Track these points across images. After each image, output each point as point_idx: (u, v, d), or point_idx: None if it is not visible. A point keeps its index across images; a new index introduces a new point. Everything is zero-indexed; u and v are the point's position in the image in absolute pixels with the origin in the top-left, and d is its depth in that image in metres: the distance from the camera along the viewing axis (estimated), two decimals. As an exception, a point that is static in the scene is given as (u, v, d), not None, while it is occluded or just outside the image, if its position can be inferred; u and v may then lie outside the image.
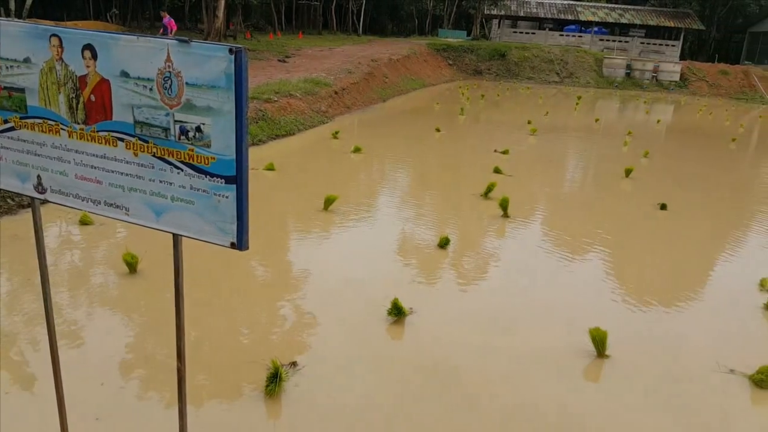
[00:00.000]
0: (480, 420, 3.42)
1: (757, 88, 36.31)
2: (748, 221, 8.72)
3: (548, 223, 7.81)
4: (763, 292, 5.49)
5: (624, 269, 6.21)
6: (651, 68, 36.80)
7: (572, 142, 15.27)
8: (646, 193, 9.25)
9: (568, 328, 4.51)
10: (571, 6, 43.99)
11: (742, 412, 3.72)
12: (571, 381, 3.92)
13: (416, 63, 29.43)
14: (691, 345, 4.50)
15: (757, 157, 15.66)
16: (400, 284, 5.17)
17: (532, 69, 36.56)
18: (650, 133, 17.80)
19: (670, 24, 41.52)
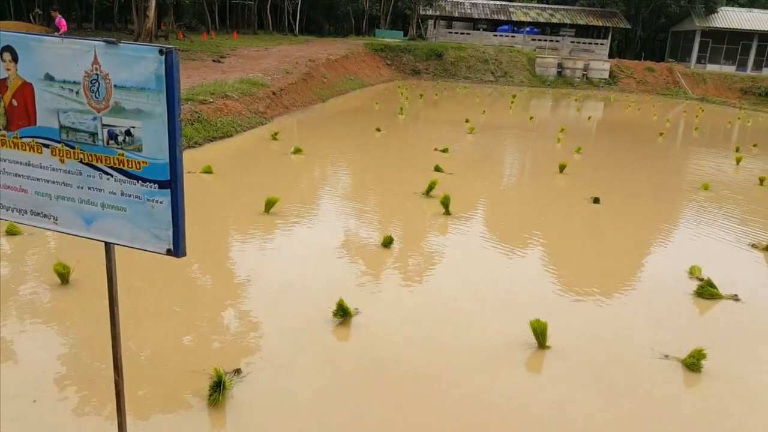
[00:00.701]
0: (429, 415, 3.45)
1: (681, 84, 38.19)
2: (677, 212, 9.15)
3: (489, 219, 7.97)
4: (693, 279, 5.77)
5: (562, 262, 6.40)
6: (581, 66, 38.11)
7: (509, 140, 15.64)
8: (579, 188, 9.57)
9: (511, 321, 4.61)
10: (504, 6, 45.00)
11: (676, 395, 3.89)
12: (515, 372, 4.00)
13: (355, 63, 29.43)
14: (628, 333, 4.68)
15: (684, 150, 16.46)
16: (345, 285, 5.16)
17: (468, 69, 37.19)
18: (582, 130, 18.42)
19: (598, 23, 43.07)
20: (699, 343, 4.19)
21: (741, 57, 42.87)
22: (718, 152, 15.74)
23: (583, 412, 3.59)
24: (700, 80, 38.80)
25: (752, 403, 3.81)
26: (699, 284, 5.50)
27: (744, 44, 42.64)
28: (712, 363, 4.07)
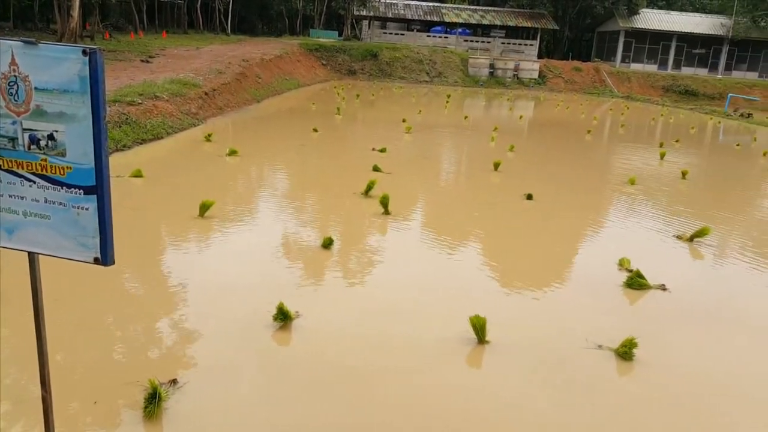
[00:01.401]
0: (373, 413, 3.45)
1: (607, 83, 39.77)
2: (606, 206, 9.51)
3: (427, 217, 8.05)
4: (623, 270, 6.01)
5: (498, 257, 6.54)
6: (512, 67, 39.12)
7: (445, 139, 15.86)
8: (513, 185, 9.81)
9: (451, 317, 4.66)
10: (436, 8, 45.63)
11: (609, 383, 4.04)
12: (456, 368, 4.06)
13: (289, 63, 29.14)
14: (562, 324, 4.82)
15: (611, 146, 17.14)
16: (285, 288, 5.09)
17: (403, 69, 37.50)
18: (514, 128, 18.90)
19: (527, 24, 44.29)
20: (630, 332, 4.36)
21: (662, 56, 45.08)
22: (643, 148, 16.50)
23: (522, 404, 3.67)
24: (624, 79, 40.54)
25: (682, 388, 4.00)
26: (628, 275, 5.73)
27: (664, 44, 44.85)
28: (643, 351, 4.25)
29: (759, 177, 12.99)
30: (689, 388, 4.01)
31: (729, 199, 10.74)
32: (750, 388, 4.04)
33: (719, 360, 4.43)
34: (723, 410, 3.76)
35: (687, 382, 4.07)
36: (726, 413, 3.73)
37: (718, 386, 4.05)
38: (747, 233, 8.21)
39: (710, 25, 44.60)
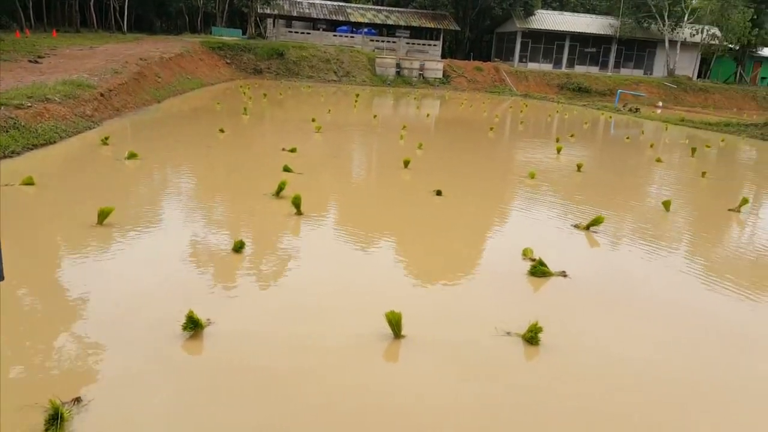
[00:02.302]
0: (291, 415, 3.42)
1: (506, 82, 41.35)
2: (509, 199, 9.90)
3: (340, 216, 8.05)
4: (526, 260, 6.28)
5: (411, 253, 6.65)
6: (418, 66, 39.86)
7: (355, 138, 15.92)
8: (423, 182, 10.01)
9: (367, 314, 4.69)
10: (342, 8, 45.71)
11: (519, 368, 4.22)
12: (373, 364, 4.09)
13: (191, 62, 28.21)
14: (473, 315, 4.99)
15: (512, 142, 17.84)
16: (195, 295, 4.93)
17: (311, 68, 37.28)
18: (422, 127, 19.28)
19: (430, 25, 45.26)
20: (535, 318, 4.57)
21: (556, 56, 47.46)
22: (542, 143, 17.30)
23: (440, 394, 3.77)
24: (522, 78, 42.34)
25: (585, 369, 4.24)
26: (532, 264, 6.01)
27: (558, 44, 47.22)
28: (548, 336, 4.47)
29: (647, 167, 13.96)
30: (591, 368, 4.25)
31: (620, 189, 11.48)
32: (645, 366, 4.35)
33: (616, 340, 4.73)
34: (621, 388, 4.03)
35: (588, 362, 4.32)
36: (624, 391, 3.99)
37: (616, 365, 4.32)
38: (637, 220, 8.81)
39: (600, 25, 47.46)
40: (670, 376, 4.19)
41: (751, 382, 4.20)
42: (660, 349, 4.60)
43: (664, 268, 6.71)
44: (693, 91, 43.74)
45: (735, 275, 6.57)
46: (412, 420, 3.51)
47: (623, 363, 4.34)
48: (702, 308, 5.56)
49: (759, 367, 4.43)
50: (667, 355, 4.52)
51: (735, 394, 4.02)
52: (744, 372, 4.34)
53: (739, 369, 4.38)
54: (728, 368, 4.38)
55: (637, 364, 4.33)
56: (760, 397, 4.01)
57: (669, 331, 4.95)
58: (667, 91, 42.58)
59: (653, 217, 8.90)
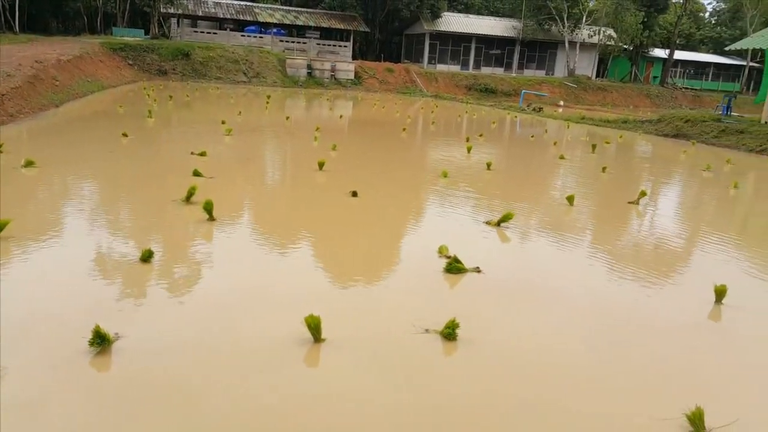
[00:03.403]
0: (207, 428, 3.31)
1: (417, 83, 42.06)
2: (424, 198, 10.07)
3: (255, 220, 7.89)
4: (442, 257, 6.41)
5: (329, 254, 6.62)
6: (329, 68, 39.80)
7: (268, 140, 15.67)
8: (338, 183, 10.00)
9: (286, 320, 4.62)
10: (249, 7, 44.90)
11: (438, 364, 4.29)
12: (293, 370, 4.03)
13: (91, 64, 26.80)
14: (392, 314, 5.02)
15: (424, 142, 18.17)
16: (102, 309, 4.67)
17: (219, 69, 36.39)
18: (336, 128, 19.26)
19: (340, 26, 45.33)
20: (452, 314, 4.67)
21: (464, 57, 48.81)
22: (453, 142, 17.74)
23: (361, 396, 3.77)
24: (432, 79, 43.24)
25: (501, 361, 4.37)
26: (447, 261, 6.14)
27: (465, 46, 48.58)
28: (465, 331, 4.58)
29: (551, 164, 14.62)
30: (508, 361, 4.40)
31: (528, 185, 11.97)
32: (556, 355, 4.54)
33: (530, 331, 4.91)
34: (535, 377, 4.19)
35: (504, 354, 4.47)
36: (539, 380, 4.15)
37: (530, 356, 4.49)
38: (544, 215, 9.21)
39: (504, 27, 49.26)
40: (580, 363, 4.41)
41: (655, 364, 4.49)
42: (569, 338, 4.82)
43: (570, 260, 7.04)
44: (592, 90, 46.30)
45: (636, 264, 7.01)
46: (333, 425, 3.49)
47: (536, 353, 4.51)
48: (606, 296, 5.88)
49: (659, 351, 4.73)
50: (575, 343, 4.74)
51: (639, 378, 4.28)
52: (647, 356, 4.63)
53: (642, 353, 4.67)
54: (633, 352, 4.65)
55: (549, 354, 4.51)
56: (660, 378, 4.29)
57: (576, 319, 5.20)
58: (568, 91, 44.82)
59: (559, 212, 9.33)
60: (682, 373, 4.37)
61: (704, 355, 4.71)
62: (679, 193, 12.83)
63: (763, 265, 7.37)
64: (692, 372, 4.41)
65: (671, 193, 12.84)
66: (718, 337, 5.15)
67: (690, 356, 4.67)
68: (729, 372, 4.46)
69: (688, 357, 4.65)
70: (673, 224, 9.61)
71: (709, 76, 59.48)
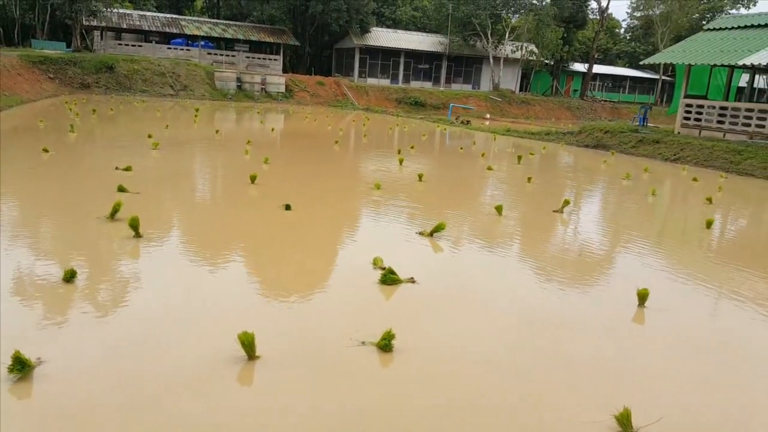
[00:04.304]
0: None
1: (348, 96, 42.28)
2: (358, 211, 10.11)
3: (185, 236, 7.69)
4: (377, 269, 6.45)
5: (262, 269, 6.53)
6: (259, 81, 39.45)
7: (197, 154, 15.32)
8: (271, 197, 9.90)
9: (220, 337, 4.53)
10: (175, 20, 43.96)
11: (375, 376, 4.31)
12: (226, 389, 3.95)
13: (9, 77, 25.54)
14: (328, 328, 5.01)
15: (357, 154, 18.25)
16: (22, 333, 4.43)
17: (144, 82, 35.38)
18: (267, 141, 19.08)
19: (269, 39, 45.04)
20: (388, 325, 4.71)
21: (393, 71, 49.47)
22: (385, 155, 17.91)
23: (298, 412, 3.73)
24: (363, 92, 43.58)
25: (436, 370, 4.44)
26: (382, 273, 6.19)
27: (394, 60, 49.26)
28: (401, 341, 4.62)
29: (480, 175, 15.01)
30: (442, 367, 4.47)
31: (458, 196, 12.24)
32: (489, 361, 4.66)
33: (463, 338, 5.01)
34: (469, 384, 4.28)
35: (439, 363, 4.54)
36: (471, 386, 4.25)
37: (464, 362, 4.58)
38: (474, 224, 9.44)
39: (431, 42, 50.30)
40: (512, 368, 4.54)
41: (582, 367, 4.68)
42: (500, 343, 4.96)
43: (500, 267, 7.25)
44: (516, 103, 47.88)
45: (562, 270, 7.28)
46: (271, 440, 3.45)
47: (469, 360, 4.61)
48: (535, 302, 6.07)
49: (587, 354, 4.94)
50: (506, 348, 4.87)
51: (568, 381, 4.45)
52: (575, 359, 4.82)
53: (570, 357, 4.85)
54: (562, 356, 4.83)
55: (481, 360, 4.62)
56: (589, 380, 4.48)
57: (507, 325, 5.35)
58: (494, 104, 46.19)
59: (488, 221, 9.58)
60: (609, 375, 4.57)
61: (629, 357, 4.95)
62: (600, 201, 13.44)
63: (681, 269, 7.82)
64: (618, 373, 4.62)
65: (593, 201, 13.44)
66: (641, 339, 5.42)
67: (616, 358, 4.89)
68: (653, 372, 4.70)
69: (614, 359, 4.87)
70: (596, 231, 10.06)
71: (626, 89, 62.79)
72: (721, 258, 8.61)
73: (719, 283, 7.19)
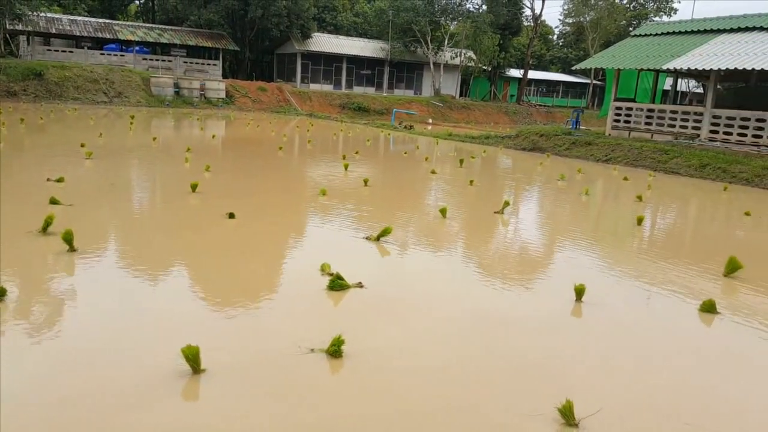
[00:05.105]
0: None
1: (291, 102, 41.99)
2: (304, 217, 10.04)
3: (123, 248, 7.44)
4: (324, 275, 6.42)
5: (206, 280, 6.38)
6: (198, 86, 38.68)
7: (133, 163, 14.87)
8: (214, 205, 9.71)
9: (163, 352, 4.41)
10: (108, 25, 42.60)
11: (325, 383, 4.28)
12: (170, 406, 3.85)
13: None
14: (275, 336, 4.95)
15: (302, 160, 18.12)
16: (-54, 356, 4.19)
17: (76, 89, 34.11)
18: (208, 148, 18.71)
19: (208, 44, 44.23)
20: (337, 331, 4.70)
21: (336, 77, 49.48)
22: (330, 160, 17.87)
23: (246, 423, 3.67)
24: (306, 98, 43.38)
25: (385, 373, 4.46)
26: (330, 279, 6.17)
27: (336, 66, 49.28)
28: (351, 347, 4.62)
29: (424, 179, 15.17)
30: (390, 370, 4.49)
31: (404, 200, 12.34)
32: (436, 361, 4.71)
33: (411, 340, 5.05)
34: (417, 384, 4.31)
35: (388, 366, 4.55)
36: (419, 386, 4.29)
37: (413, 363, 4.62)
38: (420, 228, 9.53)
39: (373, 48, 50.60)
40: (458, 367, 4.60)
41: (526, 362, 4.79)
42: (447, 343, 5.03)
43: (445, 269, 7.35)
44: (457, 108, 48.72)
45: (504, 269, 7.46)
46: (220, 453, 3.38)
47: (417, 360, 4.65)
48: (479, 301, 6.18)
49: (530, 350, 5.07)
50: (453, 347, 4.94)
51: (513, 377, 4.55)
52: (519, 355, 4.93)
53: (514, 352, 4.96)
54: (506, 353, 4.94)
55: (429, 360, 4.67)
56: (533, 375, 4.59)
57: (453, 325, 5.42)
58: (435, 109, 46.84)
59: (433, 224, 9.70)
60: (551, 369, 4.70)
61: (570, 350, 5.11)
62: (538, 202, 13.82)
63: (615, 264, 8.13)
64: (561, 367, 4.76)
65: (531, 202, 13.81)
66: (580, 333, 5.60)
67: (557, 352, 5.04)
68: (592, 364, 4.87)
69: (555, 353, 5.01)
70: (535, 230, 10.34)
71: (560, 93, 64.92)
72: (651, 252, 9.00)
73: (651, 276, 7.51)
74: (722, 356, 5.23)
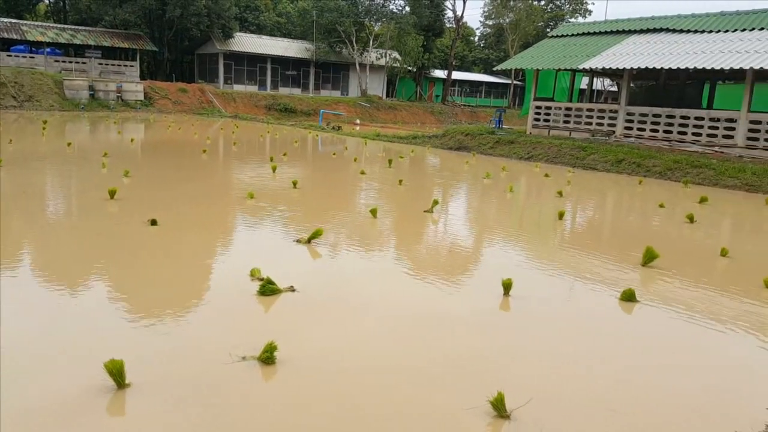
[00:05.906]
0: None
1: (214, 103, 41.01)
2: (231, 222, 9.80)
3: (38, 259, 7.02)
4: (255, 280, 6.29)
5: (128, 290, 6.10)
6: (115, 89, 37.17)
7: (47, 170, 14.08)
8: (134, 212, 9.33)
9: (85, 367, 4.19)
10: (15, 25, 40.18)
11: (257, 392, 4.19)
12: (93, 424, 3.66)
13: None
14: (205, 346, 4.80)
15: (227, 163, 17.72)
16: None
17: (-21, 92, 32.01)
18: (127, 152, 17.98)
19: (124, 45, 42.52)
20: (269, 337, 4.60)
21: (260, 78, 48.71)
22: (257, 163, 17.56)
23: (178, 437, 3.55)
24: (230, 99, 42.47)
25: (320, 376, 4.40)
26: (260, 283, 6.05)
27: (261, 66, 48.50)
28: (284, 353, 4.53)
29: (353, 179, 15.16)
30: (326, 373, 4.44)
31: (334, 201, 12.28)
32: (371, 360, 4.71)
33: (345, 341, 5.02)
34: (353, 384, 4.29)
35: (323, 368, 4.51)
36: (359, 389, 4.27)
37: (347, 364, 4.59)
38: (351, 228, 9.51)
39: (298, 49, 50.13)
40: (393, 364, 4.61)
41: (458, 356, 4.87)
42: (381, 342, 5.04)
43: (377, 269, 7.37)
44: (384, 108, 49.02)
45: (434, 266, 7.55)
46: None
47: (352, 361, 4.63)
48: (411, 298, 6.23)
49: (461, 344, 5.15)
50: (387, 346, 4.96)
51: (446, 371, 4.61)
52: (451, 349, 5.00)
53: (446, 347, 5.03)
54: (438, 348, 4.99)
55: (364, 360, 4.66)
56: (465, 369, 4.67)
57: (386, 324, 5.44)
58: (363, 110, 46.94)
59: (364, 224, 9.70)
60: (483, 363, 4.80)
61: (500, 344, 5.24)
62: (465, 200, 14.11)
63: (539, 257, 8.41)
64: (493, 360, 4.87)
65: (459, 200, 14.08)
66: (509, 326, 5.75)
67: (488, 346, 5.15)
68: (522, 355, 5.01)
69: (486, 347, 5.12)
70: (463, 228, 10.55)
71: (482, 93, 66.61)
72: (573, 245, 9.37)
73: (573, 267, 7.81)
74: (643, 343, 5.50)
